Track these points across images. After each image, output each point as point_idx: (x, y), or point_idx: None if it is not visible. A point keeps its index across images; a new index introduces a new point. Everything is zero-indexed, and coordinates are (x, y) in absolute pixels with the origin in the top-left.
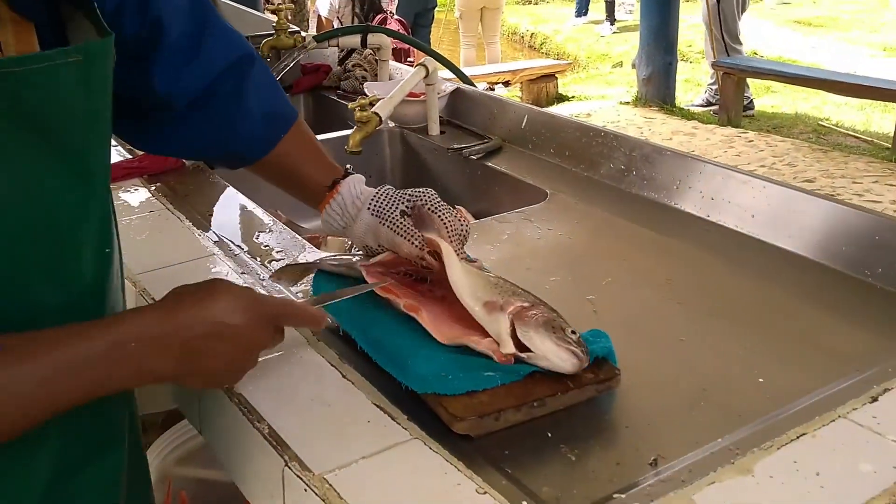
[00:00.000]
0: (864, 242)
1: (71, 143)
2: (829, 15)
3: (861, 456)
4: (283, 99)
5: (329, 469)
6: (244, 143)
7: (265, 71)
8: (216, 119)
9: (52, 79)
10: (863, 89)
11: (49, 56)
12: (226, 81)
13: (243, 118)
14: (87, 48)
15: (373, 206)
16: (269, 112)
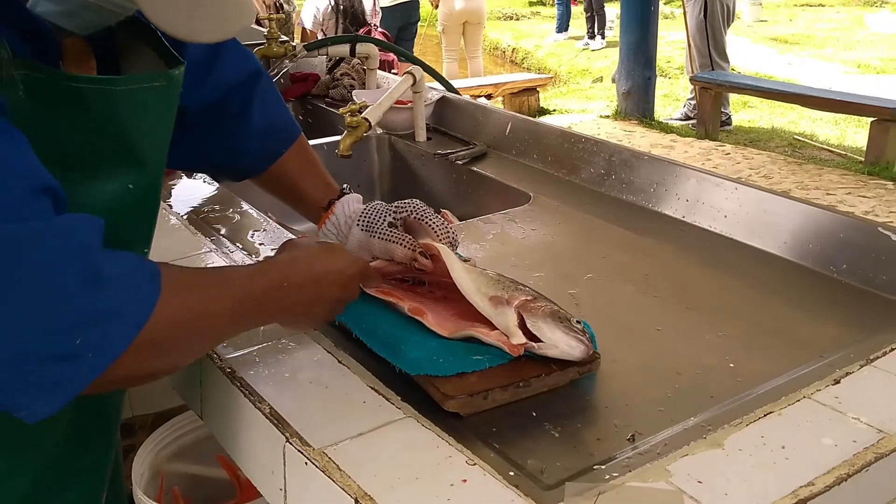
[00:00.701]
0: (830, 240)
1: (145, 155)
2: (805, 32)
3: (823, 431)
4: (286, 115)
5: (328, 444)
6: (246, 157)
7: (271, 87)
8: (221, 133)
9: (140, 98)
10: (837, 104)
11: (140, 78)
12: (234, 97)
13: (247, 133)
14: (169, 76)
15: (362, 222)
16: (272, 128)
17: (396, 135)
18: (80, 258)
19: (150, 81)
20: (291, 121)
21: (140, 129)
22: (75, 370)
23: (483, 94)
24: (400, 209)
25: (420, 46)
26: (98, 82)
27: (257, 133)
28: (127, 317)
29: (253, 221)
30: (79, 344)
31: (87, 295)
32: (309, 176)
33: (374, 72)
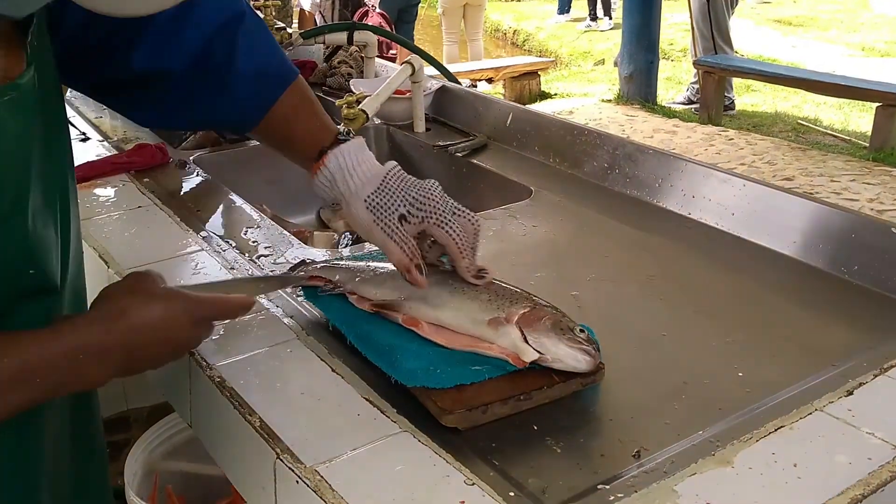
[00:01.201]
0: (842, 240)
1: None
2: (809, 14)
3: (837, 447)
4: (277, 57)
5: (320, 461)
6: (238, 107)
7: (259, 28)
8: (209, 86)
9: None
10: (841, 89)
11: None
12: (217, 44)
13: (235, 81)
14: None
15: (370, 201)
16: (262, 73)
17: (395, 125)
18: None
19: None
20: (284, 63)
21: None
22: None
23: (484, 78)
24: (419, 205)
25: (420, 29)
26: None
27: (245, 80)
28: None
29: (246, 217)
30: None
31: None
32: (303, 119)
33: (373, 60)
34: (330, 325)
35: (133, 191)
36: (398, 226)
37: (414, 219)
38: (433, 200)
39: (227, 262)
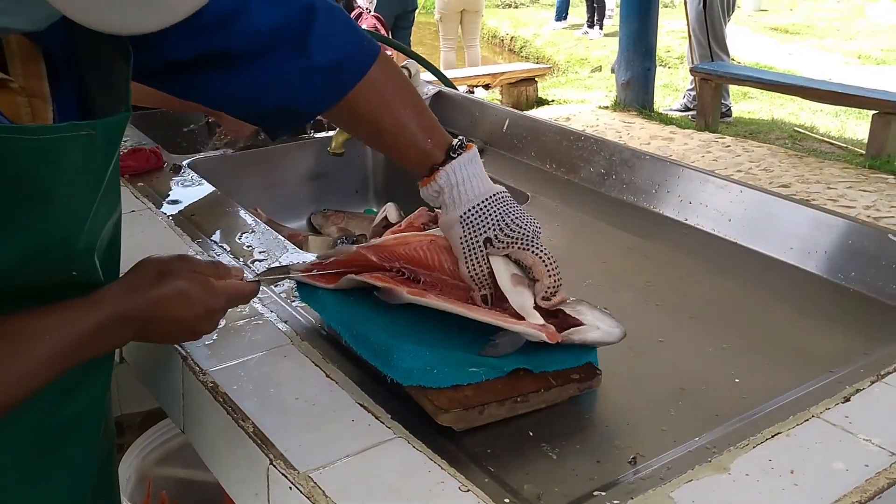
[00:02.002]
0: (839, 247)
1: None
2: (805, 22)
3: (834, 454)
4: (355, 45)
5: (314, 467)
6: (307, 98)
7: (334, 17)
8: (275, 74)
9: (61, 147)
10: (838, 96)
11: (62, 128)
12: (283, 38)
13: (306, 72)
14: (99, 124)
15: (464, 218)
16: (337, 63)
17: None
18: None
19: (75, 131)
20: (361, 49)
21: (53, 175)
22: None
23: (481, 84)
24: (509, 231)
25: (417, 35)
26: (13, 131)
27: (320, 71)
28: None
29: (241, 222)
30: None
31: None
32: (395, 117)
33: None
34: (325, 327)
35: (127, 195)
36: (481, 247)
37: (499, 243)
38: (524, 226)
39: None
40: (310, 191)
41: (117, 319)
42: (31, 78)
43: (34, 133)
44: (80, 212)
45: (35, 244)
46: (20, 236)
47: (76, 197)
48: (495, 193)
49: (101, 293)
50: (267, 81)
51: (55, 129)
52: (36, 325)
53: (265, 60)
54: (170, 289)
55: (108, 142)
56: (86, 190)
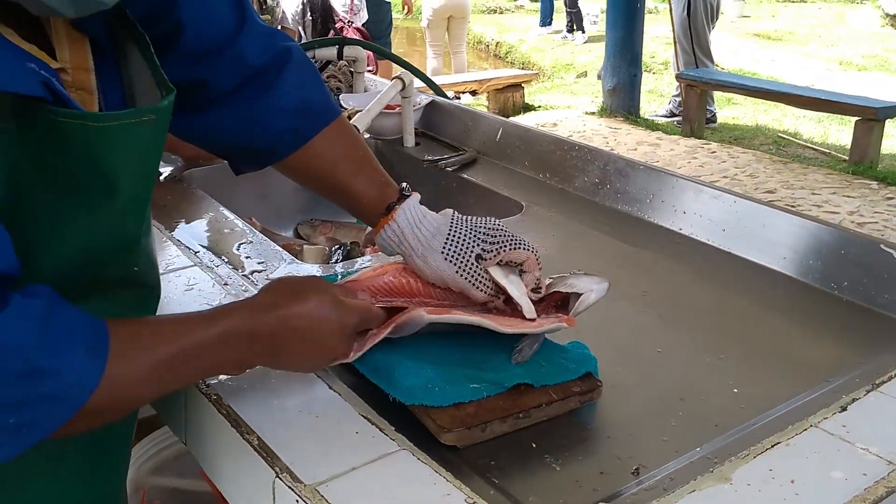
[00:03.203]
0: (832, 257)
1: (122, 185)
2: (788, 29)
3: (832, 463)
4: (320, 95)
5: (320, 480)
6: (271, 138)
7: (305, 65)
8: (244, 112)
9: (123, 134)
10: (821, 103)
11: (123, 115)
12: (258, 79)
13: (273, 111)
14: (157, 108)
15: (447, 252)
16: (303, 108)
17: (384, 140)
18: (15, 356)
19: (136, 117)
20: (327, 101)
21: (118, 162)
22: (8, 441)
23: (468, 90)
24: (491, 240)
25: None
26: (78, 117)
27: (285, 112)
28: (65, 399)
29: (238, 232)
30: (11, 423)
31: (22, 385)
32: (352, 166)
33: (363, 75)
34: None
35: None
36: (478, 267)
37: (489, 255)
38: (500, 231)
39: (221, 277)
40: (303, 200)
41: (244, 333)
42: (79, 71)
43: (101, 120)
44: (141, 201)
45: (102, 234)
46: (88, 226)
47: (138, 185)
48: (452, 217)
49: (228, 306)
50: (234, 118)
51: (120, 116)
52: (158, 328)
53: (236, 97)
54: (301, 306)
55: (162, 127)
56: (145, 178)
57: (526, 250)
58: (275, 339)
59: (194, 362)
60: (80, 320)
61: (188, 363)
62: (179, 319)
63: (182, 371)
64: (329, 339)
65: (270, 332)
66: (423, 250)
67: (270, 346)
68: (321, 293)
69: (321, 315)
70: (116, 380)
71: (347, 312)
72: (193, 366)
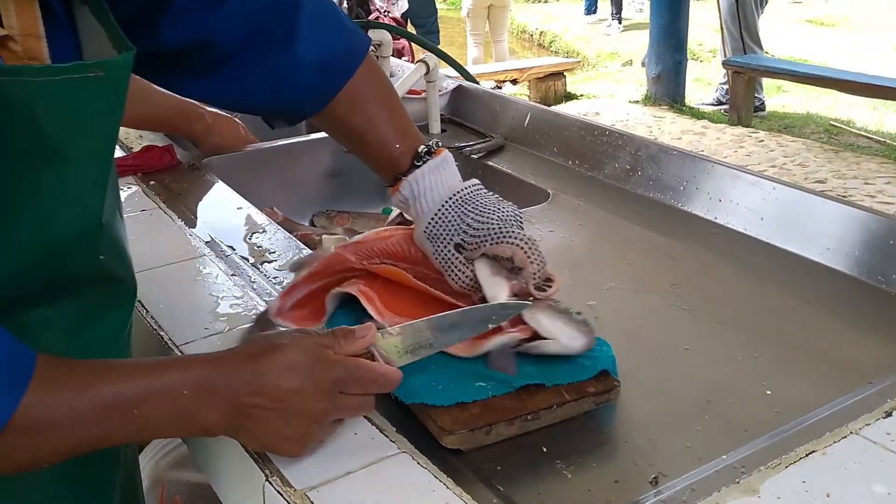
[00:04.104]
0: (879, 247)
1: (73, 153)
2: (841, 14)
3: (874, 476)
4: (342, 42)
5: (311, 485)
6: (296, 96)
7: (323, 8)
8: (261, 70)
9: (68, 91)
10: (875, 89)
11: (67, 69)
12: (269, 27)
13: (293, 68)
14: (106, 63)
15: (428, 231)
16: (325, 59)
17: None
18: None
19: (80, 72)
20: (350, 47)
21: (65, 124)
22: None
23: (508, 79)
24: (474, 231)
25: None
26: (12, 73)
27: (307, 69)
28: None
29: (254, 222)
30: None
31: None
32: (375, 119)
33: (388, 60)
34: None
35: (139, 194)
36: (455, 255)
37: (470, 246)
38: (489, 221)
39: (230, 267)
40: (326, 189)
41: (199, 388)
42: (28, 38)
43: (36, 75)
44: (97, 173)
45: (59, 217)
46: (41, 207)
47: (91, 156)
48: (454, 194)
49: (194, 355)
50: (251, 77)
51: (60, 70)
52: (100, 366)
53: (248, 56)
54: (271, 363)
55: (116, 87)
56: (99, 146)
57: (511, 245)
58: (236, 400)
59: (134, 416)
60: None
61: (124, 415)
62: (130, 362)
63: (114, 424)
64: (304, 401)
65: (230, 391)
66: (417, 222)
67: (232, 410)
68: (298, 350)
69: (292, 374)
70: (35, 416)
71: (326, 368)
72: (133, 420)
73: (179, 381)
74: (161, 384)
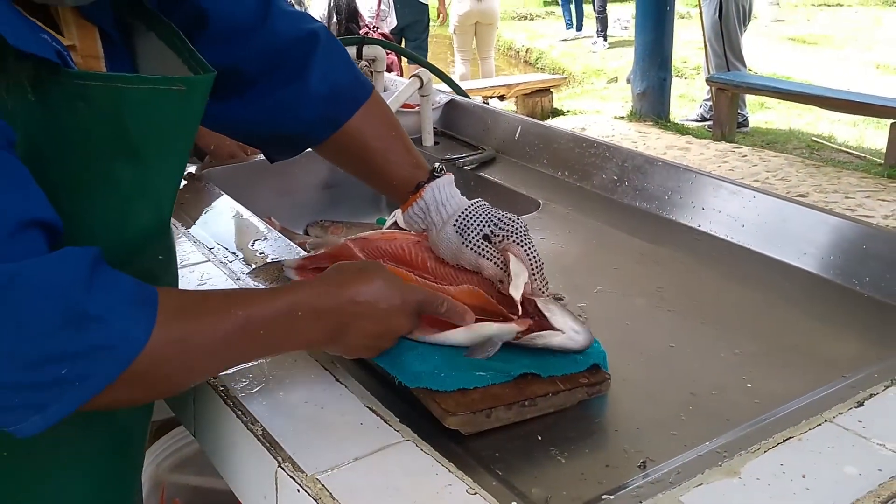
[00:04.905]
0: (853, 252)
1: (150, 159)
2: (823, 33)
3: (846, 459)
4: (351, 77)
5: (322, 470)
6: (305, 124)
7: (334, 48)
8: (275, 97)
9: (154, 100)
10: (856, 106)
11: (155, 80)
12: (288, 60)
13: (305, 100)
14: (189, 80)
15: (458, 223)
16: (335, 93)
17: None
18: (63, 297)
19: (167, 84)
20: (358, 83)
21: (146, 129)
22: (58, 398)
23: (496, 95)
24: (503, 225)
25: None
26: (106, 79)
27: (317, 99)
28: (114, 351)
29: (254, 229)
30: (64, 374)
31: (70, 332)
32: (386, 148)
33: (381, 74)
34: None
35: None
36: (483, 243)
37: (496, 238)
38: (514, 223)
39: (234, 273)
40: (321, 200)
41: (310, 309)
42: (89, 58)
43: (132, 83)
44: (170, 176)
45: (129, 207)
46: (114, 196)
47: (165, 157)
48: (477, 200)
49: (292, 284)
50: (265, 106)
51: (148, 80)
52: (222, 300)
53: (266, 83)
54: (367, 285)
55: (195, 103)
56: (174, 151)
57: (526, 254)
58: (341, 316)
59: (260, 336)
60: (128, 279)
61: (253, 336)
62: (243, 292)
63: (245, 344)
64: (394, 316)
65: (337, 309)
66: (442, 224)
67: (337, 324)
68: (386, 274)
69: (387, 292)
70: (170, 343)
71: (411, 290)
72: (258, 341)
73: (294, 303)
74: (279, 308)
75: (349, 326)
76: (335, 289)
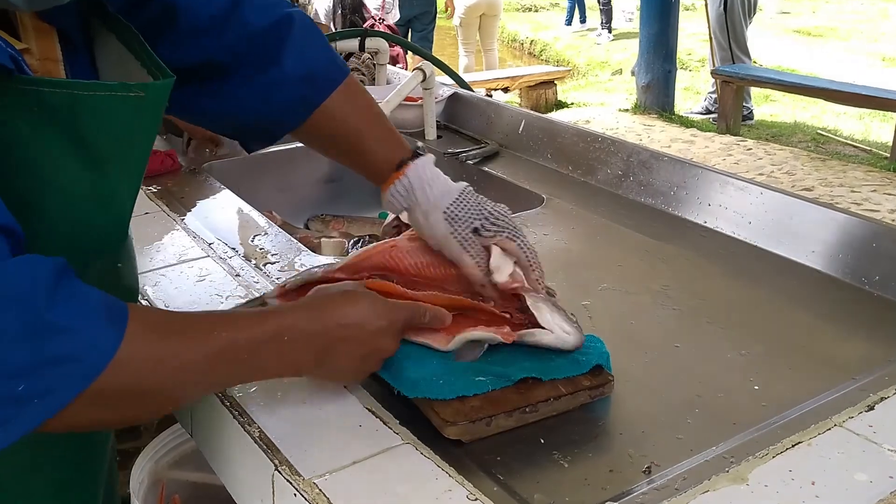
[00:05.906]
0: (862, 250)
1: (110, 166)
2: (829, 25)
3: (857, 465)
4: (326, 59)
5: (319, 474)
6: (279, 110)
7: (310, 31)
8: (252, 84)
9: (111, 106)
10: (862, 98)
11: (112, 87)
12: (262, 44)
13: (280, 82)
14: (149, 86)
15: (448, 212)
16: (311, 75)
17: (406, 132)
18: (23, 306)
19: (125, 91)
20: (334, 64)
21: (106, 137)
22: (18, 413)
23: (500, 88)
24: (494, 219)
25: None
26: (61, 86)
27: (293, 81)
28: (79, 364)
29: (254, 224)
30: (21, 391)
31: (30, 343)
32: (364, 125)
33: (384, 67)
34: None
35: (142, 197)
36: (472, 237)
37: (487, 232)
38: (506, 217)
39: (233, 268)
40: (322, 194)
41: (297, 333)
42: (47, 61)
43: (90, 89)
44: (129, 184)
45: (86, 217)
46: (70, 206)
47: (124, 166)
48: (466, 187)
49: (277, 307)
50: (241, 94)
51: (106, 87)
52: (205, 321)
53: (242, 72)
54: (353, 306)
55: (154, 108)
56: (133, 160)
57: (519, 248)
58: (328, 339)
59: (244, 360)
60: (96, 292)
61: (237, 359)
62: (228, 313)
63: (228, 367)
64: (380, 337)
65: (324, 332)
66: (427, 206)
67: (324, 347)
68: (370, 295)
69: (373, 314)
70: (142, 360)
71: (395, 309)
72: (243, 364)
73: (280, 326)
74: (265, 331)
75: (336, 349)
76: (321, 312)
